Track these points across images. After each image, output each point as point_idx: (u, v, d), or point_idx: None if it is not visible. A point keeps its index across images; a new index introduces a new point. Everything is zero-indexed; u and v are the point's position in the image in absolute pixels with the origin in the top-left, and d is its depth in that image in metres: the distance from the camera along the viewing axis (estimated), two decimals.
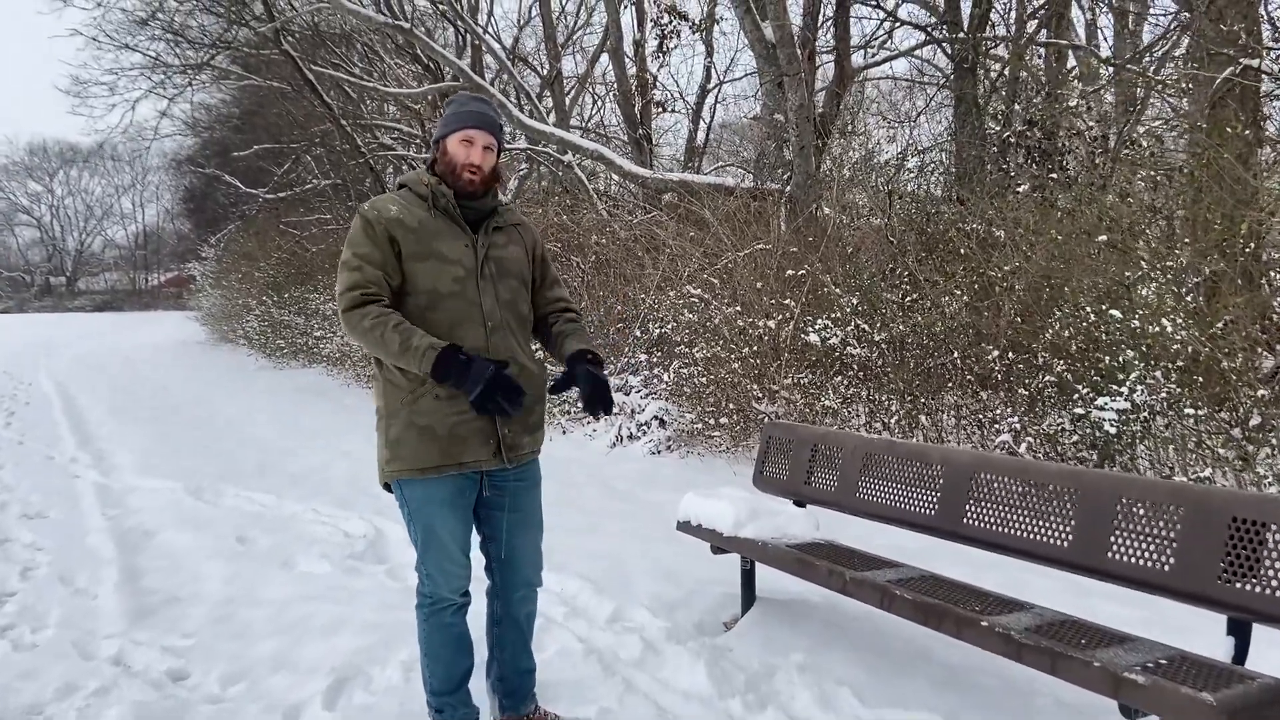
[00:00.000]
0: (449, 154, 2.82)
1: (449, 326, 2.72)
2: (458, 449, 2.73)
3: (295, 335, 17.69)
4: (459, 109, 2.86)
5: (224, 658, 3.81)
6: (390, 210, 2.77)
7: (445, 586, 2.84)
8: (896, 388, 6.91)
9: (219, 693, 3.52)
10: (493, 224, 2.89)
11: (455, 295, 2.74)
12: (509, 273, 2.89)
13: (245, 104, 24.24)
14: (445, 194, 2.81)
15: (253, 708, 3.35)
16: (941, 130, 11.89)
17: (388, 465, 2.78)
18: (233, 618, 4.27)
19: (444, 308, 2.73)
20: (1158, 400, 5.06)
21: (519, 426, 2.85)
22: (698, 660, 3.59)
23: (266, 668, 3.71)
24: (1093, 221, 6.15)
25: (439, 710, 2.92)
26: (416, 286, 2.73)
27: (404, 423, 2.72)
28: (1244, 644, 2.55)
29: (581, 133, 17.17)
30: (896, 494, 3.68)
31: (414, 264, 2.72)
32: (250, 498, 6.78)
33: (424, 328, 2.69)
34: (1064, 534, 3.05)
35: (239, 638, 4.04)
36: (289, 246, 20.03)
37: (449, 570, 2.82)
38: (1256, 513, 2.56)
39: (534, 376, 2.90)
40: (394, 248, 2.72)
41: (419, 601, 2.90)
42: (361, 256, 2.72)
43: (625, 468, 7.69)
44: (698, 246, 9.06)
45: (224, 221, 27.40)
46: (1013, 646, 2.73)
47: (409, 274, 2.73)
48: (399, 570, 4.96)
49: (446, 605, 2.86)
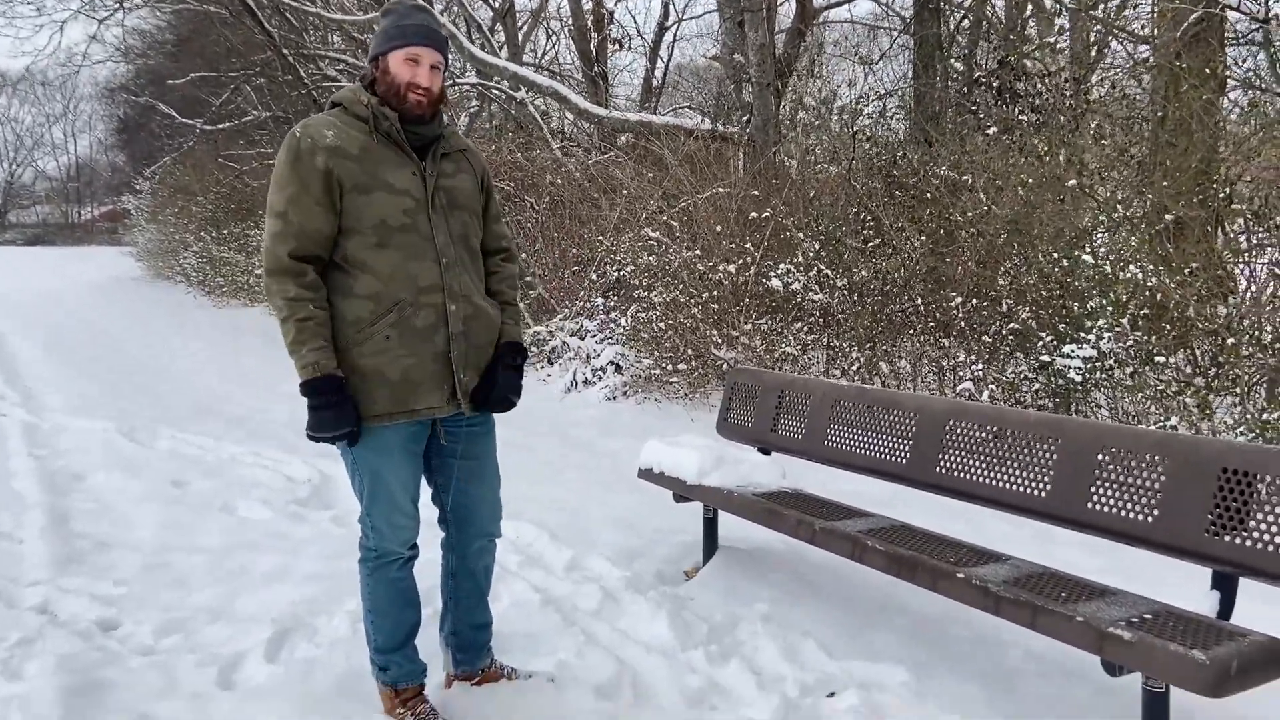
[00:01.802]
0: (391, 73, 2.53)
1: (401, 264, 2.49)
2: (410, 395, 2.52)
3: (236, 273, 17.14)
4: (400, 21, 2.54)
5: (158, 607, 3.60)
6: (326, 137, 2.47)
7: (393, 540, 2.64)
8: (857, 334, 6.81)
9: (152, 644, 3.32)
10: (440, 150, 2.63)
11: (407, 229, 2.50)
12: (460, 204, 2.65)
13: (181, 29, 23.18)
14: (389, 117, 2.52)
15: (188, 660, 3.15)
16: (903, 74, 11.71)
17: None
18: (167, 565, 4.05)
19: (395, 243, 2.48)
20: (1123, 348, 5.00)
21: (473, 371, 2.64)
22: (659, 610, 3.47)
23: (203, 618, 3.51)
24: (1061, 165, 6.04)
25: (383, 668, 2.73)
26: (363, 222, 2.46)
27: (350, 365, 2.48)
28: (1230, 598, 2.47)
29: (535, 69, 16.69)
30: (867, 442, 3.56)
31: (358, 197, 2.46)
32: (187, 440, 6.50)
33: (374, 267, 2.47)
34: (1042, 484, 2.95)
35: (174, 586, 3.83)
36: (228, 181, 19.34)
37: (397, 523, 2.63)
38: (1247, 464, 2.47)
39: (490, 318, 2.70)
40: (330, 182, 2.44)
41: (363, 556, 2.69)
42: (289, 200, 2.44)
43: (581, 414, 7.53)
44: (656, 188, 8.82)
45: (159, 153, 26.32)
46: (991, 600, 2.63)
47: (353, 209, 2.45)
48: (345, 517, 4.76)
49: (393, 559, 2.67)
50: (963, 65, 10.36)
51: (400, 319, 2.49)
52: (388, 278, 2.48)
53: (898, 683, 2.96)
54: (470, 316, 2.61)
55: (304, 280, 2.44)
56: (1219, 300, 5.30)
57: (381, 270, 2.47)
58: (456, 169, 2.67)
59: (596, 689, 2.90)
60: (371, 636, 2.72)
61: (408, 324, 2.50)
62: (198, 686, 2.97)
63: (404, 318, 2.49)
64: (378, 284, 2.48)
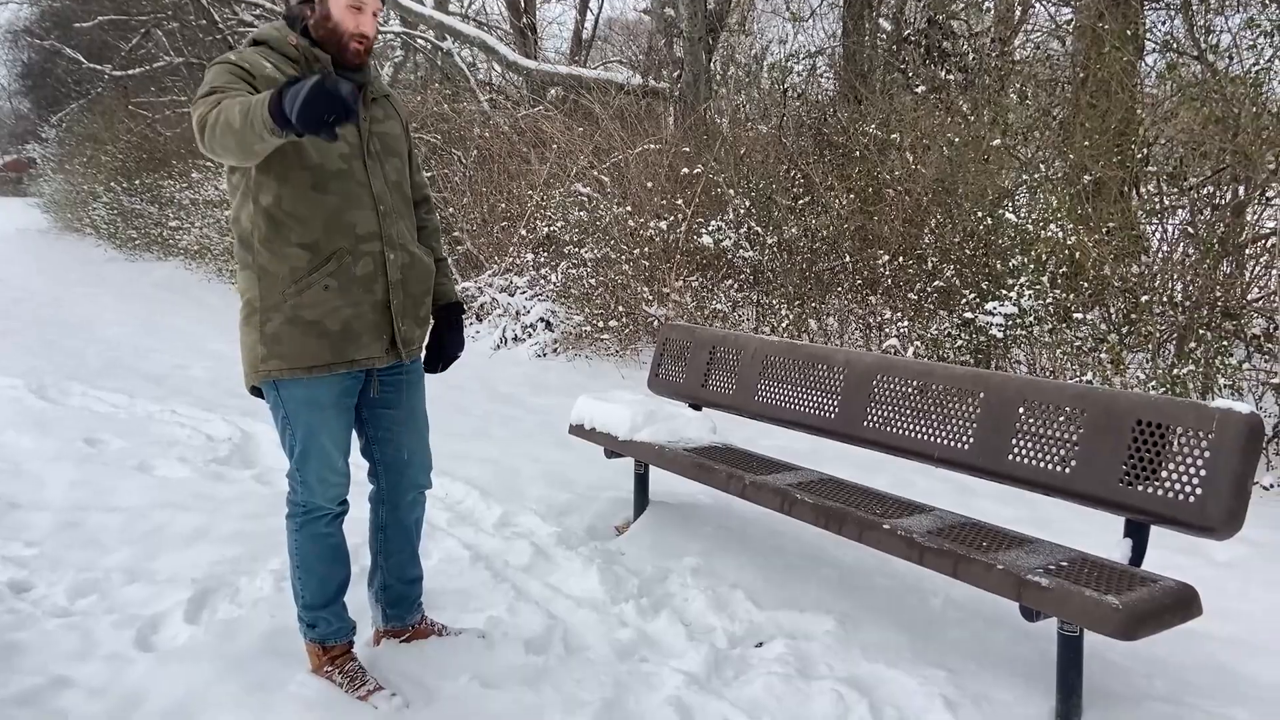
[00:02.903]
0: (334, 19, 2.40)
1: (339, 211, 2.41)
2: (350, 345, 2.46)
3: (149, 225, 16.55)
4: None
5: (72, 568, 3.48)
6: (265, 68, 2.36)
7: (323, 495, 2.58)
8: (786, 291, 6.86)
9: (67, 605, 3.22)
10: (369, 95, 2.54)
11: (343, 175, 2.42)
12: (392, 150, 2.58)
13: None
14: (322, 59, 2.42)
15: (105, 621, 3.06)
16: (833, 32, 11.71)
17: (263, 364, 2.45)
18: (81, 525, 3.91)
19: (333, 189, 2.40)
20: (1043, 306, 5.12)
21: (411, 320, 2.60)
22: (589, 565, 3.48)
23: (120, 578, 3.41)
24: (986, 125, 6.13)
25: (311, 625, 2.66)
26: (304, 160, 2.36)
27: (286, 316, 2.41)
28: (1141, 546, 2.56)
29: (462, 18, 16.30)
30: (796, 397, 3.59)
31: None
32: (100, 397, 6.28)
33: (311, 216, 2.38)
34: (965, 437, 3.02)
35: (89, 546, 3.70)
36: (140, 129, 18.58)
37: (328, 479, 2.56)
38: (1160, 416, 2.55)
39: (425, 266, 2.65)
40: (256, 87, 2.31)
41: (290, 511, 2.62)
42: (225, 85, 2.27)
43: (510, 371, 7.47)
44: (587, 143, 8.72)
45: (66, 100, 25.18)
46: (915, 550, 2.69)
47: (288, 152, 2.33)
48: (268, 475, 4.66)
49: (322, 515, 2.61)
50: (891, 24, 10.40)
51: (340, 268, 2.42)
52: (325, 226, 2.40)
53: (824, 631, 3.01)
54: (407, 265, 2.56)
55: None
56: (1133, 259, 5.46)
57: (318, 218, 2.39)
58: (385, 115, 2.60)
59: (527, 644, 2.90)
60: (299, 593, 2.66)
61: (347, 273, 2.43)
62: (116, 648, 2.89)
63: (343, 266, 2.42)
64: (315, 233, 2.40)
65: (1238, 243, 5.15)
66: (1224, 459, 2.39)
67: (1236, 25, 5.76)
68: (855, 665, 2.82)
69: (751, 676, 2.75)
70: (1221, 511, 2.37)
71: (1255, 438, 2.39)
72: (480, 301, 8.93)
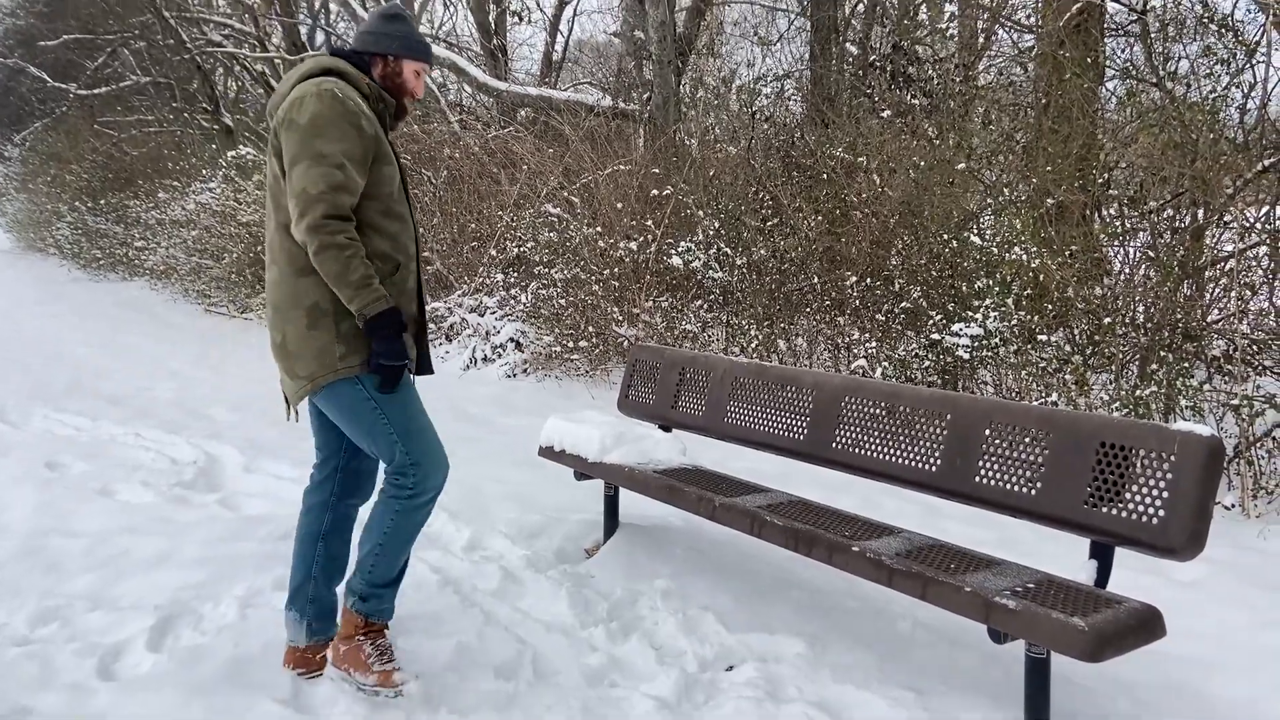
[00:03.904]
0: (403, 76, 2.80)
1: (399, 231, 2.71)
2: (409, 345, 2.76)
3: (114, 245, 16.36)
4: (417, 38, 2.82)
5: (33, 594, 3.41)
6: (362, 104, 2.64)
7: (436, 471, 2.73)
8: (755, 312, 6.89)
9: (27, 633, 3.15)
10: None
11: (399, 200, 2.73)
12: (408, 183, 2.89)
13: None
14: (387, 102, 2.78)
15: (66, 649, 3.00)
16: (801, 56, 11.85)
17: (342, 361, 2.60)
18: (42, 550, 3.83)
19: (393, 215, 2.69)
20: (1008, 327, 5.18)
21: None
22: (559, 589, 3.46)
23: (82, 605, 3.35)
24: (951, 149, 6.22)
25: (364, 599, 2.78)
26: (380, 189, 2.65)
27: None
28: (1106, 567, 2.59)
29: (433, 40, 16.31)
30: (766, 418, 3.60)
31: (381, 167, 2.65)
32: (62, 420, 6.18)
33: (385, 229, 2.66)
34: (932, 458, 3.04)
35: (50, 572, 3.63)
36: (105, 149, 18.39)
37: (436, 452, 2.73)
38: (1123, 438, 2.58)
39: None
40: (369, 148, 2.60)
41: (399, 494, 2.71)
42: (346, 155, 2.53)
43: (479, 391, 7.44)
44: (557, 164, 8.74)
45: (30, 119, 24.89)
46: (884, 572, 2.70)
47: (374, 177, 2.63)
48: (233, 499, 4.60)
49: (431, 495, 2.75)
50: (858, 49, 10.54)
51: (399, 279, 2.70)
52: (392, 241, 2.68)
53: (794, 654, 3.01)
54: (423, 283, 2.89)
55: (354, 226, 2.56)
56: (1096, 281, 5.55)
57: (387, 236, 2.67)
58: (400, 150, 2.82)
59: (496, 670, 2.88)
60: (368, 569, 2.76)
61: (402, 284, 2.72)
62: (77, 677, 2.83)
63: (400, 279, 2.71)
64: (385, 245, 2.66)
65: (1197, 265, 5.25)
66: (1185, 481, 2.42)
67: (1194, 53, 5.90)
68: (825, 688, 2.83)
69: (722, 700, 2.75)
70: (1184, 533, 2.40)
71: (1216, 460, 2.43)
72: (450, 321, 8.90)
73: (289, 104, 2.56)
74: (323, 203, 2.48)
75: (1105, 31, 7.42)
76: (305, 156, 2.49)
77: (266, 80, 18.28)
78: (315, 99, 2.52)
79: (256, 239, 11.73)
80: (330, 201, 2.48)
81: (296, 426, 6.45)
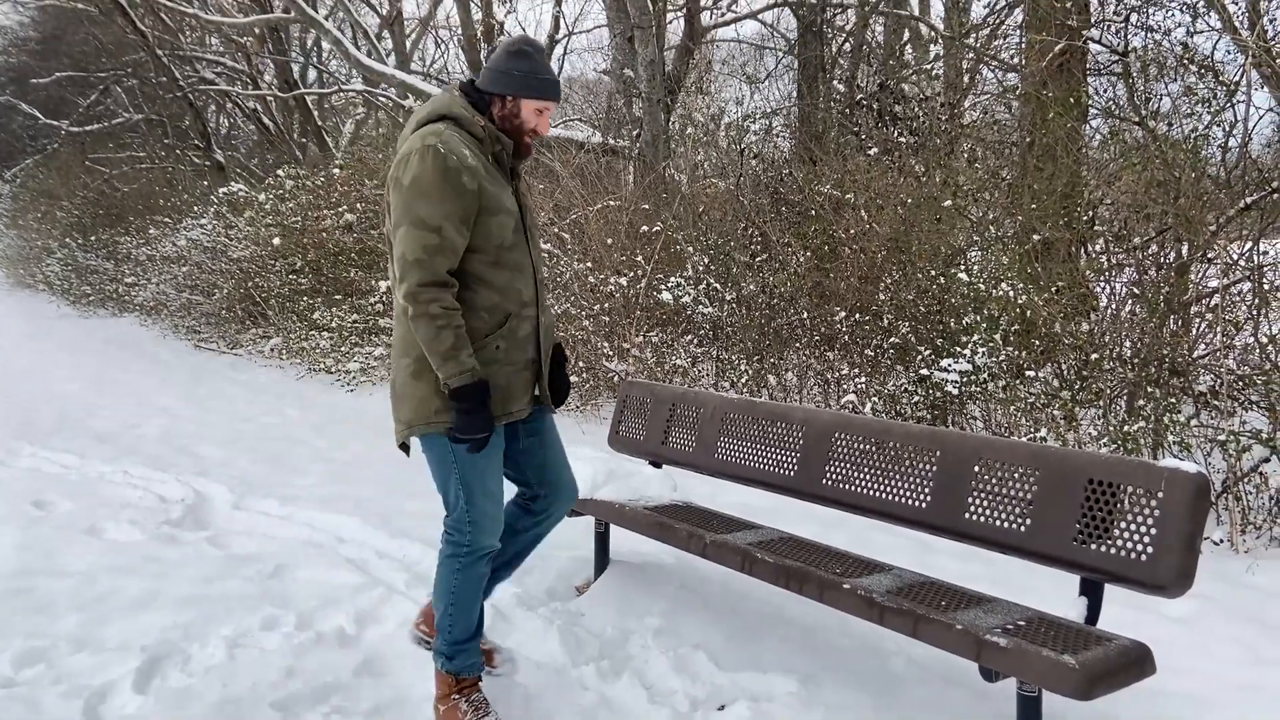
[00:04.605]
0: (521, 116, 2.75)
1: (510, 280, 2.71)
2: (509, 399, 2.77)
3: (103, 281, 16.35)
4: (541, 76, 2.73)
5: (19, 635, 3.38)
6: (466, 156, 2.60)
7: (490, 534, 2.80)
8: (745, 347, 6.92)
9: (12, 675, 3.12)
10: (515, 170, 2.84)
11: (513, 248, 2.72)
12: (535, 224, 2.89)
13: (46, 27, 22.07)
14: (504, 143, 2.75)
15: (52, 692, 2.97)
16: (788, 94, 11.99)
17: (436, 415, 2.67)
18: (29, 591, 3.80)
19: (505, 262, 2.70)
20: (996, 362, 5.22)
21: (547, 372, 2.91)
22: (550, 627, 3.44)
23: (68, 647, 3.31)
24: (937, 186, 6.28)
25: (450, 658, 2.84)
26: (488, 242, 2.64)
27: None
28: (1096, 604, 2.60)
29: (424, 77, 16.45)
30: (756, 454, 3.61)
31: (488, 219, 2.63)
32: (49, 458, 6.14)
33: (492, 282, 2.67)
34: (922, 494, 3.05)
35: (36, 613, 3.60)
36: (97, 185, 18.44)
37: (495, 518, 2.81)
38: (1111, 475, 2.60)
39: (552, 323, 2.97)
40: (472, 202, 2.59)
41: (453, 552, 2.79)
42: (445, 217, 2.54)
43: None
44: (547, 199, 8.80)
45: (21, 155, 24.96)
46: (875, 610, 2.70)
47: (481, 229, 2.63)
48: (222, 537, 4.58)
49: (484, 553, 2.82)
50: (844, 87, 10.67)
51: (509, 330, 2.72)
52: (501, 293, 2.69)
53: (786, 693, 3.00)
54: (548, 325, 2.88)
55: (453, 292, 2.59)
56: (1083, 317, 5.59)
57: (497, 287, 2.68)
58: (526, 188, 2.90)
59: None
60: (448, 629, 2.83)
61: (513, 335, 2.74)
62: (63, 718, 2.80)
63: (511, 329, 2.72)
64: (494, 298, 2.68)
65: (1182, 301, 5.30)
66: (1173, 518, 2.44)
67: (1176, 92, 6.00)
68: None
69: None
70: (1172, 570, 2.42)
71: (1202, 497, 2.45)
72: None
73: (397, 161, 2.62)
74: (418, 269, 2.52)
75: (1088, 71, 7.54)
76: (406, 220, 2.54)
77: (258, 117, 18.40)
78: (419, 158, 2.54)
79: (247, 274, 11.74)
80: (427, 268, 2.52)
81: (284, 464, 6.43)
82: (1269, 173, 5.75)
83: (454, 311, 2.56)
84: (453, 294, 2.58)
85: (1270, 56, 5.68)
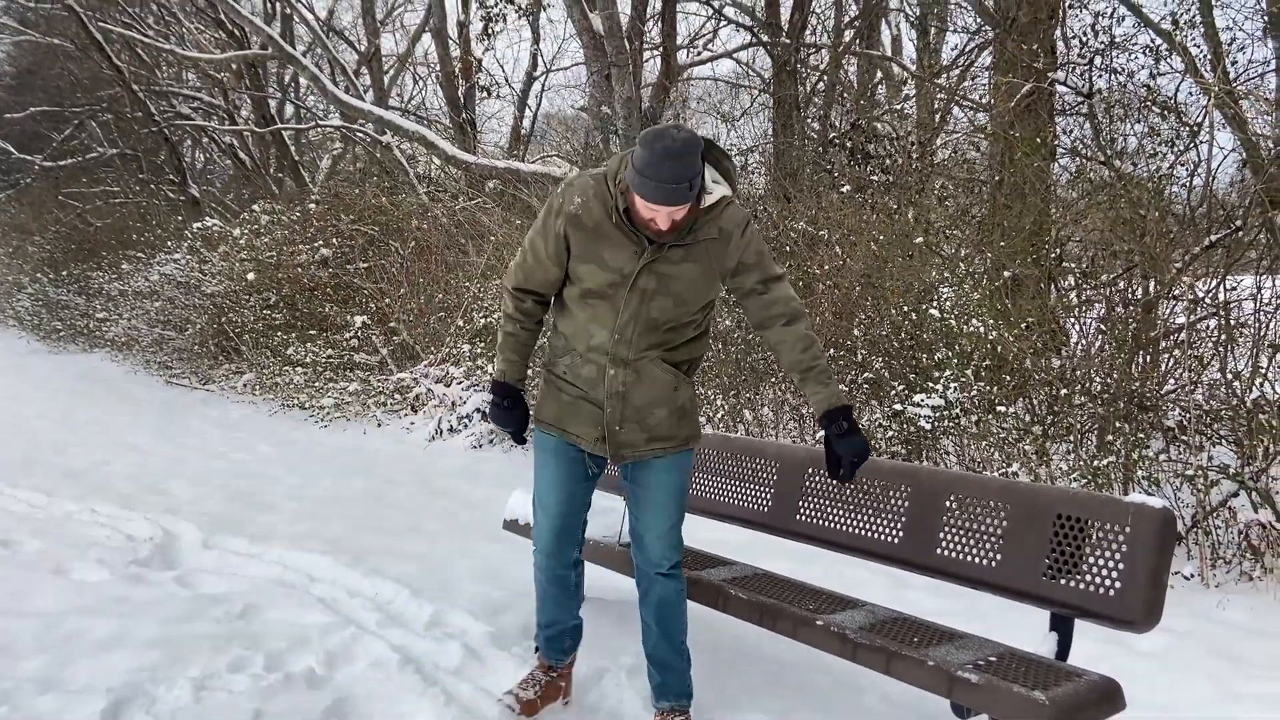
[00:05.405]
0: (635, 205, 2.64)
1: (585, 323, 2.87)
2: (568, 419, 2.95)
3: (75, 316, 16.20)
4: (649, 170, 2.50)
5: None
6: (574, 203, 2.77)
7: (539, 540, 3.03)
8: (721, 382, 6.94)
9: None
10: (670, 241, 2.70)
11: (603, 297, 2.82)
12: (669, 290, 2.77)
13: (21, 62, 22.04)
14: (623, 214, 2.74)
15: None
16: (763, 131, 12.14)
17: (536, 412, 3.03)
18: None
19: (589, 304, 2.85)
20: (968, 398, 5.26)
21: (633, 426, 2.88)
22: (523, 667, 3.40)
23: (32, 689, 3.24)
24: (910, 223, 6.37)
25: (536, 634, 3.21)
26: (579, 279, 2.84)
27: (544, 379, 3.05)
28: (1067, 639, 2.61)
29: (401, 113, 16.53)
30: (730, 490, 3.62)
31: (579, 264, 2.81)
32: (15, 495, 6.04)
33: (573, 315, 2.89)
34: (895, 530, 3.06)
35: (1, 654, 3.52)
36: (69, 220, 18.32)
37: (545, 528, 3.00)
38: (1080, 510, 2.62)
39: (659, 382, 2.87)
40: (561, 245, 2.80)
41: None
42: (532, 243, 2.89)
43: (445, 462, 7.39)
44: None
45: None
46: (848, 646, 2.70)
47: (573, 269, 2.83)
48: (190, 576, 4.51)
49: (540, 553, 3.04)
50: (818, 125, 10.82)
51: (572, 363, 2.93)
52: (574, 327, 2.91)
53: None
54: (633, 382, 2.86)
55: (521, 305, 2.96)
56: (1053, 353, 5.66)
57: (574, 319, 2.90)
58: (684, 258, 2.75)
59: None
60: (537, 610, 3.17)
61: (576, 369, 2.93)
62: None
63: (574, 363, 2.93)
64: (569, 327, 2.93)
65: (1150, 337, 5.38)
66: (1140, 553, 2.46)
67: (1140, 132, 6.13)
68: None
69: None
70: (1140, 605, 2.43)
71: (1168, 532, 2.47)
72: (416, 392, 8.87)
73: None
74: (508, 274, 2.99)
75: (1055, 112, 7.69)
76: None
77: (235, 152, 18.39)
78: (554, 191, 2.84)
79: (221, 309, 11.68)
80: (511, 275, 2.96)
81: (255, 502, 6.35)
82: (1232, 211, 5.87)
83: (512, 319, 2.95)
84: (523, 305, 2.94)
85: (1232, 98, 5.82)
